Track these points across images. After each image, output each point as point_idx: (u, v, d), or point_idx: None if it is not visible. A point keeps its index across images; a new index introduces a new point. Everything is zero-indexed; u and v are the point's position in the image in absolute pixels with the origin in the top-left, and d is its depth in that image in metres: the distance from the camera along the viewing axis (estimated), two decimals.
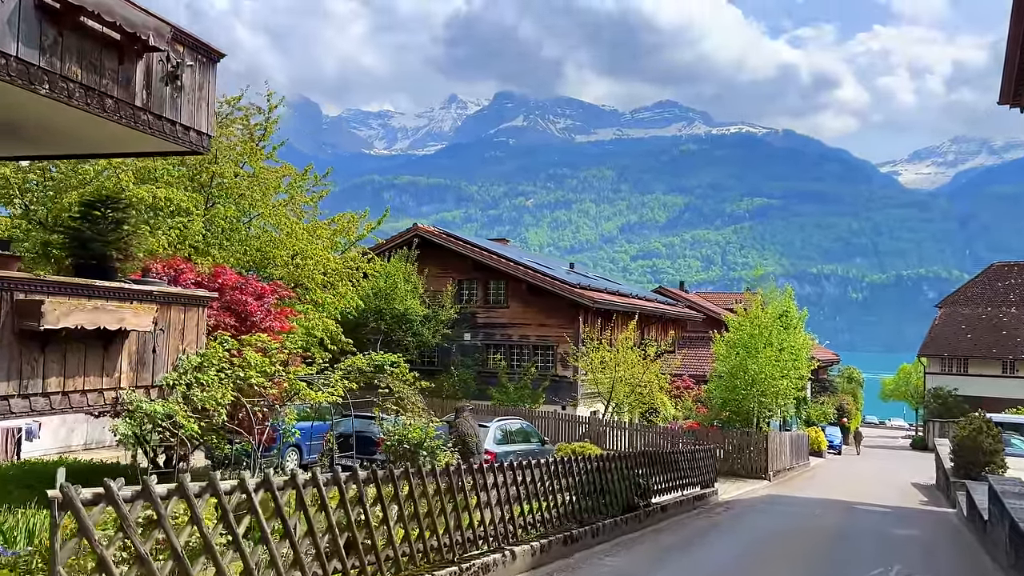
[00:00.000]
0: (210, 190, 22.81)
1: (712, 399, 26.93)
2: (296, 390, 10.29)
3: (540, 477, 9.41)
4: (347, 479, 6.47)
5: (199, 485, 5.23)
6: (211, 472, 5.71)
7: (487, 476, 8.39)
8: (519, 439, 16.85)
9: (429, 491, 7.52)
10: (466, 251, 30.33)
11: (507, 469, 8.73)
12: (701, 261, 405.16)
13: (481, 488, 8.24)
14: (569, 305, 28.45)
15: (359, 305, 25.44)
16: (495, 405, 27.03)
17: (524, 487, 8.99)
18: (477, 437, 11.51)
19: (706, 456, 16.83)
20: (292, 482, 6.04)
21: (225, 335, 10.68)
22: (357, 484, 6.64)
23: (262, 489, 5.72)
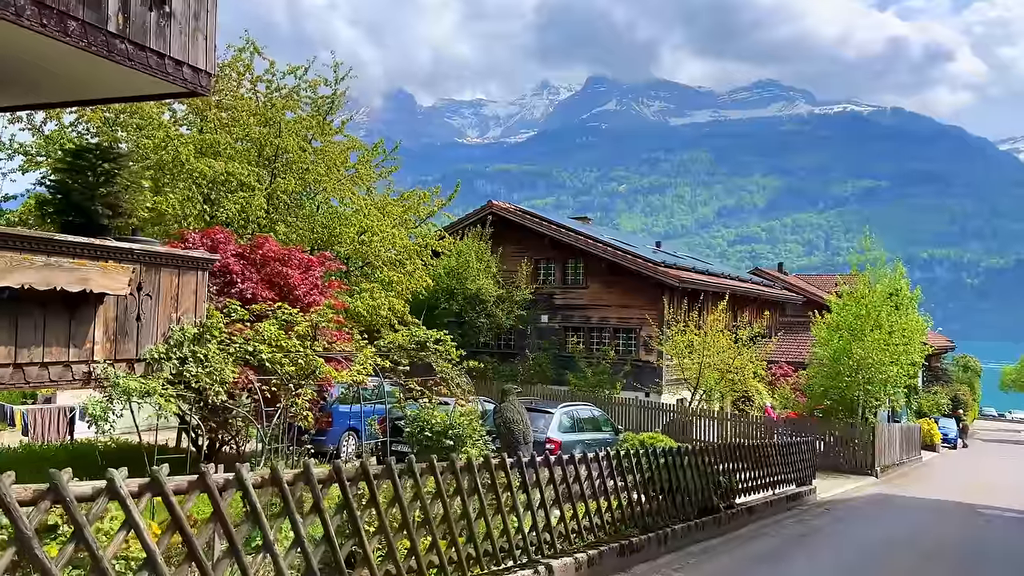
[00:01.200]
0: (274, 165, 22.06)
1: (812, 387, 24.52)
2: (313, 368, 9.01)
3: (593, 474, 7.84)
4: (296, 476, 5.05)
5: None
6: (237, 464, 4.49)
7: (526, 472, 6.90)
8: (588, 427, 15.26)
9: (446, 490, 6.10)
10: (543, 228, 28.76)
11: (548, 465, 7.20)
12: (803, 246, 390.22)
13: (517, 488, 6.76)
14: (653, 285, 26.52)
15: (429, 285, 24.29)
16: (572, 391, 25.43)
17: (570, 485, 7.45)
18: (525, 424, 10.00)
19: (803, 449, 14.79)
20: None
21: (235, 304, 9.52)
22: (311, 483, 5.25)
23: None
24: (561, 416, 14.37)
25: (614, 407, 24.47)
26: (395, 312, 21.58)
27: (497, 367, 27.21)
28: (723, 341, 24.46)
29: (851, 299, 22.89)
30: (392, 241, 22.75)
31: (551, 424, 13.99)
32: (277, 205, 21.47)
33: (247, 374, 8.63)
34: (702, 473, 9.83)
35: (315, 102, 23.37)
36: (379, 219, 22.76)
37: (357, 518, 5.38)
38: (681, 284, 26.16)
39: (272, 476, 4.86)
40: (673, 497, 9.18)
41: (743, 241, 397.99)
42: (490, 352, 28.57)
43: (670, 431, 23.87)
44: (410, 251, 23.71)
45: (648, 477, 8.68)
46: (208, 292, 8.30)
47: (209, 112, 21.67)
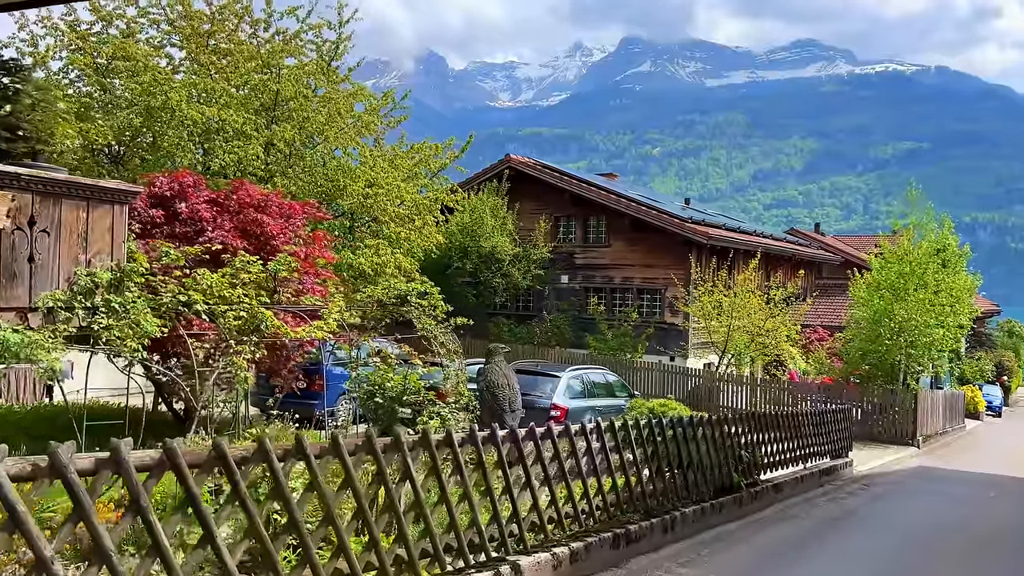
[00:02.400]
0: (274, 113, 20.77)
1: (849, 350, 22.87)
2: (257, 323, 7.70)
3: (590, 447, 6.52)
4: None
5: None
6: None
7: (499, 447, 5.60)
8: (601, 392, 13.90)
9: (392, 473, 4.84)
10: (563, 183, 27.20)
11: (526, 438, 5.88)
12: (841, 209, 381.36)
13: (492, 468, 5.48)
14: (679, 243, 24.92)
15: (440, 242, 22.97)
16: (591, 354, 24.08)
17: (559, 463, 6.14)
18: (512, 389, 8.63)
19: (839, 418, 13.29)
20: None
21: (168, 246, 8.25)
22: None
23: None
24: (569, 380, 13.02)
25: (635, 371, 23.09)
26: (402, 270, 20.31)
27: (513, 329, 25.93)
28: (754, 302, 22.88)
29: (893, 256, 21.12)
30: (400, 195, 21.43)
31: (557, 388, 12.66)
32: (276, 156, 20.23)
33: (179, 329, 7.41)
34: (720, 446, 8.46)
35: (319, 47, 21.98)
36: (386, 172, 21.44)
37: (255, 515, 4.11)
38: (709, 241, 24.53)
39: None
40: (684, 475, 7.82)
41: (779, 205, 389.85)
42: (506, 314, 27.30)
43: (695, 397, 22.48)
44: (420, 206, 22.39)
45: (653, 452, 7.32)
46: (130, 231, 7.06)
47: (203, 56, 20.40)
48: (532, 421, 12.45)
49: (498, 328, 26.02)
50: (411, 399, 7.42)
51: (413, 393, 7.45)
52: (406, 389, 7.41)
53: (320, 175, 20.54)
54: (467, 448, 5.57)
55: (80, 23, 19.86)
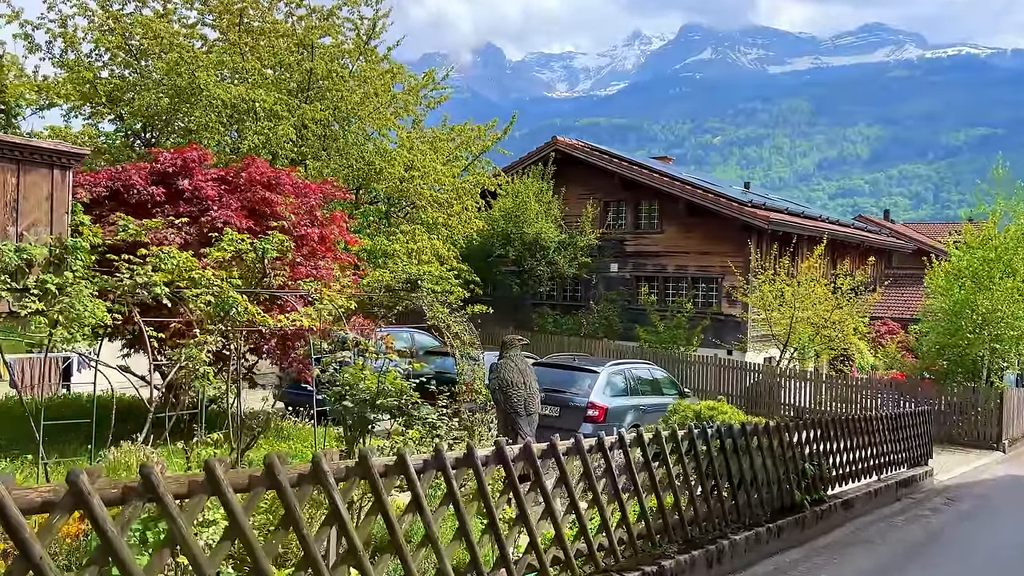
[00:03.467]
0: (307, 93, 19.91)
1: (924, 344, 20.96)
2: (227, 308, 6.60)
3: (604, 468, 5.26)
4: None
5: None
6: None
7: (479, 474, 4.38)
8: (646, 390, 12.57)
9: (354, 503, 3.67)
10: (612, 166, 25.75)
11: (519, 458, 4.64)
12: (910, 199, 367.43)
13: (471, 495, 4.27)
14: (738, 228, 23.28)
15: (480, 228, 21.84)
16: (642, 347, 22.66)
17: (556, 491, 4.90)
18: (529, 388, 7.33)
19: (917, 421, 11.70)
20: None
21: (127, 220, 7.25)
22: None
23: None
24: (609, 375, 11.72)
25: (688, 366, 21.63)
26: (439, 257, 19.25)
27: (558, 320, 24.66)
28: (819, 291, 21.16)
29: (976, 241, 19.16)
30: (439, 178, 20.36)
31: (595, 385, 11.38)
32: (307, 137, 19.35)
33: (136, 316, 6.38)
34: (780, 458, 7.10)
35: (356, 25, 21.02)
36: (424, 155, 20.38)
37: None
38: (770, 226, 22.82)
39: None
40: (735, 494, 6.50)
41: (845, 194, 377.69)
42: (552, 304, 26.04)
43: (754, 394, 20.92)
44: (460, 190, 21.29)
45: (695, 467, 6.03)
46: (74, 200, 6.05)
47: (233, 35, 19.61)
48: (568, 420, 11.26)
49: (542, 319, 24.80)
50: (389, 403, 6.18)
51: (392, 395, 6.21)
52: (383, 390, 6.18)
53: (355, 158, 19.60)
54: (461, 471, 4.36)
55: (112, 2, 19.28)
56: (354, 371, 6.15)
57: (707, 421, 7.32)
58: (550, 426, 11.17)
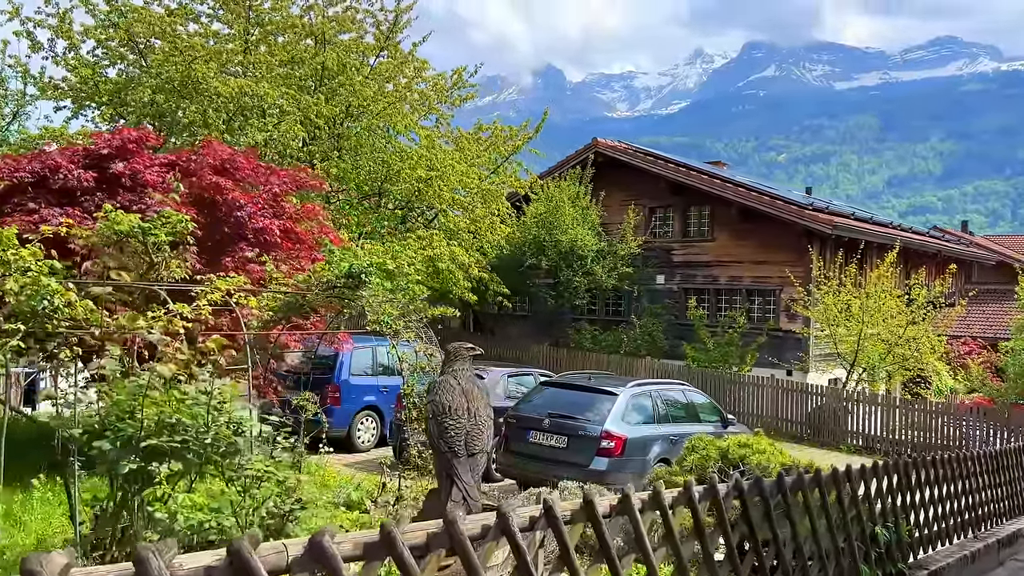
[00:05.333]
0: (319, 89, 18.45)
1: (1015, 366, 18.20)
2: (37, 300, 4.69)
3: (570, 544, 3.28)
4: None
5: None
6: None
7: None
8: (680, 416, 10.44)
9: None
10: (658, 168, 23.64)
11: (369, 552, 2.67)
12: (986, 216, 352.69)
13: None
14: (797, 234, 20.88)
15: (507, 234, 20.01)
16: (689, 366, 20.41)
17: None
18: (475, 417, 5.11)
19: (1020, 459, 9.29)
20: None
21: None
22: None
23: None
24: (631, 399, 9.63)
25: (741, 388, 19.31)
26: (459, 264, 17.45)
27: (597, 336, 22.54)
28: (891, 304, 18.65)
29: None
30: (461, 180, 18.60)
31: (613, 411, 9.31)
32: (319, 136, 17.84)
33: None
34: (839, 520, 4.98)
35: (376, 20, 19.55)
36: (445, 155, 18.67)
37: None
38: (834, 231, 20.37)
39: None
40: None
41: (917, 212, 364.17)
42: (590, 319, 23.96)
43: (817, 420, 18.47)
44: (486, 194, 19.51)
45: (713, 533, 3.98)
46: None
47: (237, 26, 18.29)
48: (577, 454, 9.21)
49: (579, 335, 22.73)
50: (171, 445, 3.98)
51: (180, 432, 4.00)
52: (165, 426, 3.98)
53: (367, 157, 17.98)
54: None
55: None
56: (122, 388, 4.13)
57: (736, 464, 5.29)
58: (554, 460, 9.17)
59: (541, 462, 9.17)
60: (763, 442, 6.38)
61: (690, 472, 6.20)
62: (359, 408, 12.32)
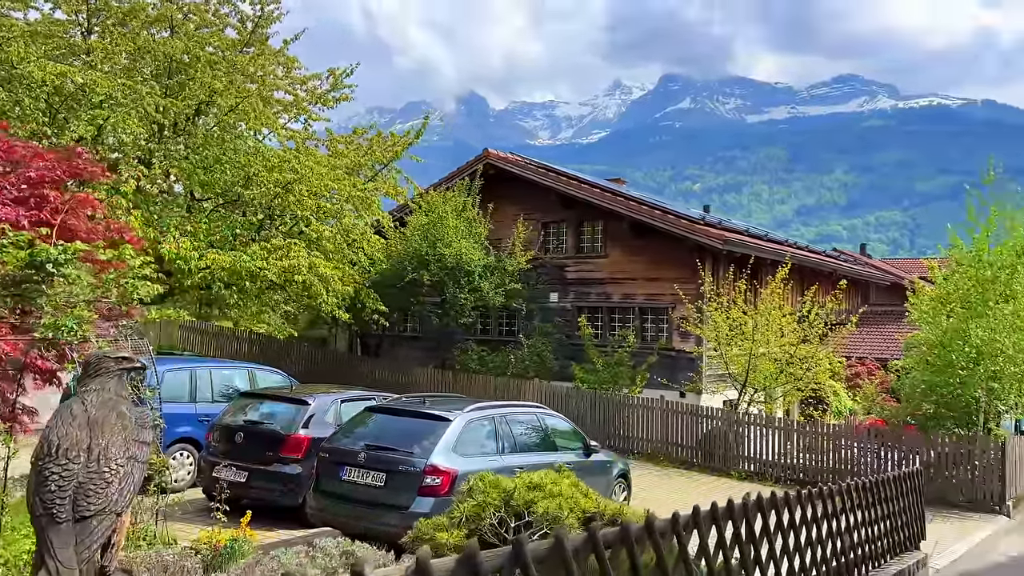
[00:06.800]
0: (167, 82, 16.62)
1: (907, 385, 17.61)
2: None
3: None
4: None
5: None
6: None
7: None
8: (531, 444, 9.05)
9: None
10: (550, 181, 22.54)
11: None
12: (887, 244, 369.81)
13: None
14: (689, 250, 20.01)
15: (379, 244, 18.50)
16: (578, 388, 19.21)
17: None
18: (92, 463, 3.46)
19: (907, 486, 8.25)
20: None
21: None
22: None
23: None
24: (467, 425, 8.17)
25: (631, 411, 18.18)
26: (320, 277, 15.79)
27: (484, 357, 21.12)
28: (783, 322, 17.88)
29: (967, 259, 15.98)
30: (328, 186, 17.01)
31: (443, 440, 7.84)
32: (159, 132, 15.98)
33: None
34: None
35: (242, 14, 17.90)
36: (310, 158, 17.08)
37: None
38: (726, 247, 19.58)
39: None
40: None
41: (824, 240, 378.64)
42: (480, 339, 22.54)
43: (709, 444, 17.48)
44: (357, 201, 17.98)
45: None
46: None
47: (64, 7, 16.32)
48: (397, 494, 7.65)
49: (465, 356, 21.26)
50: None
51: None
52: None
53: (218, 158, 16.20)
54: None
55: None
56: None
57: (520, 512, 3.93)
58: (370, 502, 7.63)
59: (354, 504, 7.63)
60: (563, 483, 4.96)
61: (461, 525, 4.79)
62: (172, 440, 10.50)
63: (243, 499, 9.22)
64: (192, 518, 8.95)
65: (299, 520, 8.53)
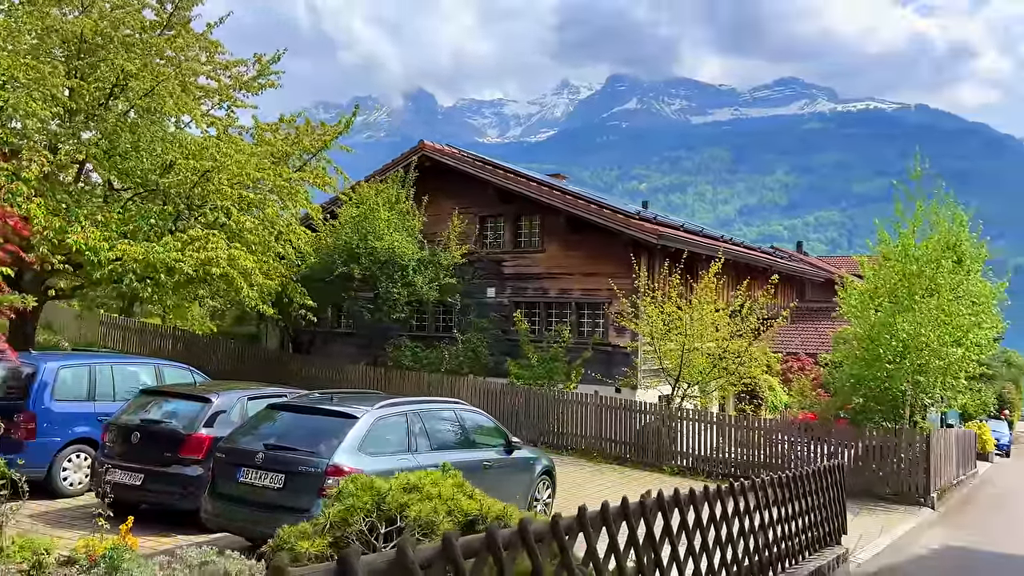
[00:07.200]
0: (76, 62, 15.74)
1: (838, 378, 17.75)
2: None
3: None
4: None
5: None
6: None
7: None
8: (450, 442, 8.66)
9: None
10: (486, 175, 22.17)
11: None
12: (826, 244, 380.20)
13: None
14: (626, 245, 19.84)
15: (306, 237, 17.90)
16: (513, 384, 18.90)
17: None
18: None
19: (827, 481, 8.11)
20: None
21: None
22: None
23: None
24: (376, 422, 7.72)
25: (565, 406, 17.94)
26: (241, 270, 15.13)
27: (418, 353, 20.65)
28: (716, 317, 17.83)
29: (894, 253, 16.12)
30: (251, 175, 16.33)
31: (348, 439, 7.39)
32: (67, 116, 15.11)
33: None
34: None
35: None
36: (231, 146, 16.38)
37: None
38: (661, 242, 19.47)
39: None
40: None
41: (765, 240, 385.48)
42: (414, 335, 22.08)
43: (643, 439, 17.34)
44: (282, 191, 17.34)
45: None
46: None
47: None
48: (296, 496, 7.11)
49: (399, 352, 20.77)
50: None
51: None
52: None
53: (128, 143, 15.38)
54: None
55: None
56: None
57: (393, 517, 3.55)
58: (268, 505, 7.14)
59: (252, 508, 7.13)
60: (445, 484, 4.55)
61: (328, 531, 4.38)
62: (67, 441, 9.82)
63: (141, 503, 8.66)
64: (83, 524, 8.36)
65: (200, 525, 8.01)
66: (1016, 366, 58.52)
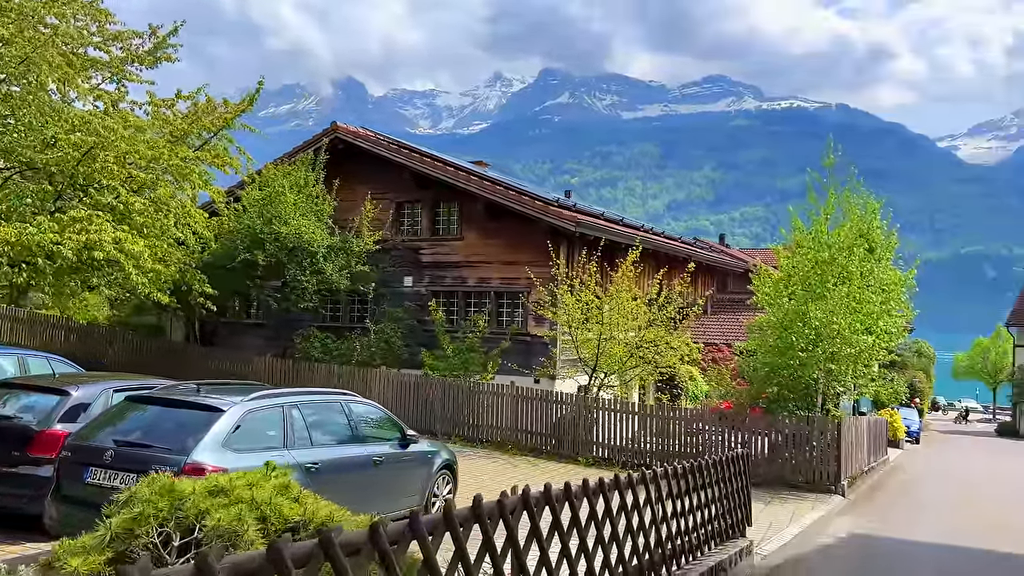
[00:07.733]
0: None
1: (754, 367, 17.67)
2: None
3: None
4: None
5: None
6: None
7: None
8: (334, 437, 8.02)
9: None
10: (402, 159, 21.41)
11: None
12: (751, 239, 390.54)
13: None
14: (544, 232, 19.39)
15: (204, 221, 16.89)
16: (427, 375, 18.26)
17: None
18: None
19: (730, 471, 7.76)
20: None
21: None
22: None
23: None
24: (244, 416, 7.00)
25: (481, 398, 17.38)
26: (128, 254, 14.07)
27: (328, 344, 19.82)
28: (632, 306, 17.54)
29: (807, 240, 16.08)
30: (140, 152, 15.24)
31: (211, 434, 6.67)
32: None
33: None
34: None
35: None
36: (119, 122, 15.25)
37: None
38: (579, 229, 19.09)
39: None
40: None
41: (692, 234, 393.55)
42: (325, 325, 21.21)
43: (560, 431, 16.91)
44: (176, 170, 16.29)
45: None
46: None
47: None
48: None
49: (308, 343, 19.89)
50: None
51: None
52: None
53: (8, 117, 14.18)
54: None
55: None
56: None
57: (192, 526, 2.97)
58: None
59: (99, 512, 6.35)
60: (263, 486, 3.93)
61: (110, 544, 3.73)
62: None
63: None
64: None
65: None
66: (926, 356, 60.77)
